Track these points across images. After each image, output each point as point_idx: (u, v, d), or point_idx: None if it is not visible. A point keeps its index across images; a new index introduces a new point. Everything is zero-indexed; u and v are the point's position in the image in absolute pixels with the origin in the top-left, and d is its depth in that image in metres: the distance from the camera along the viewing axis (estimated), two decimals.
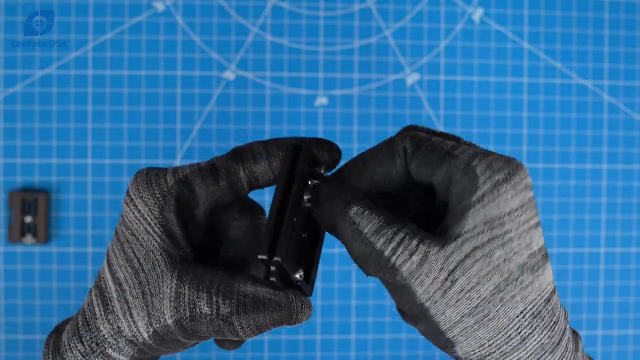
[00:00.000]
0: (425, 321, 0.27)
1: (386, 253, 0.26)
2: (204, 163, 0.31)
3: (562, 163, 0.65)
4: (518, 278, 0.26)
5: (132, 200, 0.30)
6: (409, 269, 0.26)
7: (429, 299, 0.26)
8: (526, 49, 0.65)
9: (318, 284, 0.63)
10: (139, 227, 0.30)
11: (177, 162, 0.63)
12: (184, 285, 0.29)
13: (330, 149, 0.31)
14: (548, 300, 0.27)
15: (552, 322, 0.27)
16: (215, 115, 0.63)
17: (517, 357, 0.27)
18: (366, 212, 0.27)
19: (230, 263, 0.33)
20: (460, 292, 0.26)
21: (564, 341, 0.28)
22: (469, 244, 0.26)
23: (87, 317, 0.31)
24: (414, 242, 0.26)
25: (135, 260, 0.30)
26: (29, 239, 0.61)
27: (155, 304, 0.29)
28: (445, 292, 0.26)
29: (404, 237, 0.26)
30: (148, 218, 0.30)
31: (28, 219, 0.61)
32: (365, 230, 0.27)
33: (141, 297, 0.30)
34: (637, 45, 0.66)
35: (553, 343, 0.27)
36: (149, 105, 0.63)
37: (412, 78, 0.64)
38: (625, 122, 0.65)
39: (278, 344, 0.63)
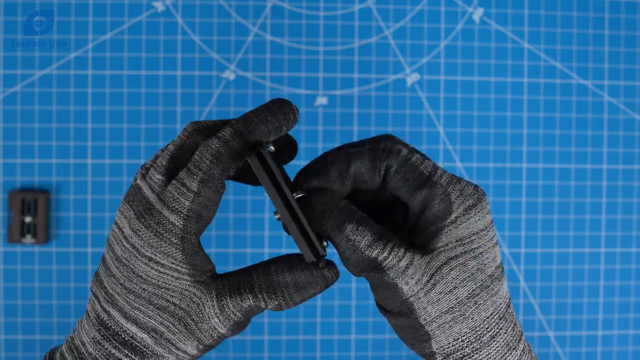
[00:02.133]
0: (407, 315, 0.31)
1: (379, 259, 0.30)
2: (193, 182, 0.30)
3: (562, 163, 0.65)
4: (489, 286, 0.31)
5: (150, 259, 0.30)
6: (397, 272, 0.30)
7: (413, 296, 0.30)
8: (526, 49, 0.65)
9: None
10: (167, 278, 0.30)
11: None
12: (224, 298, 0.31)
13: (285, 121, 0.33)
14: (508, 305, 0.32)
15: (513, 324, 0.32)
16: (215, 115, 0.63)
17: (487, 352, 0.31)
18: (360, 228, 0.31)
19: None
20: (440, 293, 0.30)
21: (522, 341, 0.32)
22: (445, 255, 0.30)
23: (111, 353, 0.31)
24: (402, 250, 0.30)
25: (171, 305, 0.31)
26: (28, 239, 0.61)
27: (202, 326, 0.31)
28: (427, 292, 0.30)
29: (393, 246, 0.30)
30: (173, 266, 0.30)
31: (28, 219, 0.61)
32: (360, 245, 0.30)
33: (184, 330, 0.31)
34: (637, 46, 0.66)
35: (515, 341, 0.32)
36: (148, 105, 0.63)
37: (412, 78, 0.64)
38: (626, 122, 0.65)
39: (278, 343, 0.63)
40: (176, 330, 0.31)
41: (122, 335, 0.31)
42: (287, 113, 0.32)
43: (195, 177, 0.30)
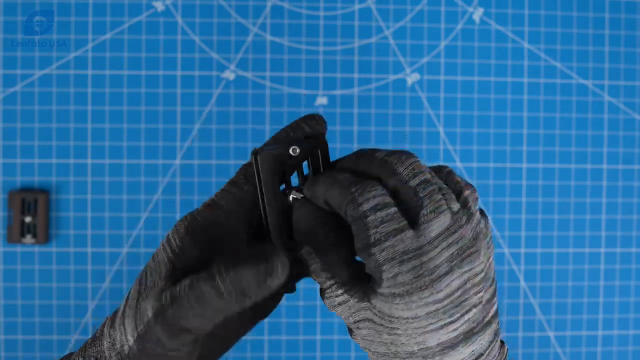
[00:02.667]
0: (350, 333, 0.33)
1: (322, 287, 0.32)
2: (225, 185, 0.34)
3: (562, 163, 0.65)
4: (405, 358, 0.30)
5: (171, 231, 0.33)
6: (331, 304, 0.32)
7: (347, 322, 0.32)
8: (526, 49, 0.65)
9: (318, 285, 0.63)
10: (161, 250, 0.32)
11: (177, 162, 0.63)
12: (170, 282, 0.31)
13: (313, 124, 0.34)
14: None
15: None
16: (215, 115, 0.63)
17: None
18: (312, 254, 0.32)
19: None
20: (365, 336, 0.31)
21: None
22: (371, 313, 0.31)
23: (96, 334, 0.33)
24: (340, 291, 0.31)
25: (144, 276, 0.32)
26: (28, 239, 0.61)
27: (142, 306, 0.31)
28: (355, 328, 0.32)
29: (334, 284, 0.32)
30: (170, 235, 0.32)
31: (28, 219, 0.61)
32: (311, 268, 0.32)
33: (134, 307, 0.31)
34: (637, 45, 0.66)
35: None
36: (148, 105, 0.63)
37: (412, 78, 0.64)
38: (626, 122, 0.65)
39: (278, 343, 0.63)
40: (132, 304, 0.31)
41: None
42: (306, 120, 0.34)
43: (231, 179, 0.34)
